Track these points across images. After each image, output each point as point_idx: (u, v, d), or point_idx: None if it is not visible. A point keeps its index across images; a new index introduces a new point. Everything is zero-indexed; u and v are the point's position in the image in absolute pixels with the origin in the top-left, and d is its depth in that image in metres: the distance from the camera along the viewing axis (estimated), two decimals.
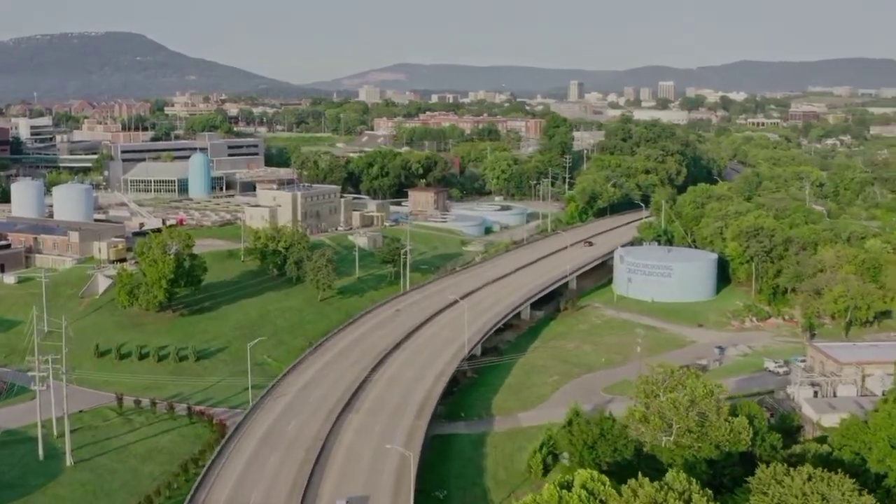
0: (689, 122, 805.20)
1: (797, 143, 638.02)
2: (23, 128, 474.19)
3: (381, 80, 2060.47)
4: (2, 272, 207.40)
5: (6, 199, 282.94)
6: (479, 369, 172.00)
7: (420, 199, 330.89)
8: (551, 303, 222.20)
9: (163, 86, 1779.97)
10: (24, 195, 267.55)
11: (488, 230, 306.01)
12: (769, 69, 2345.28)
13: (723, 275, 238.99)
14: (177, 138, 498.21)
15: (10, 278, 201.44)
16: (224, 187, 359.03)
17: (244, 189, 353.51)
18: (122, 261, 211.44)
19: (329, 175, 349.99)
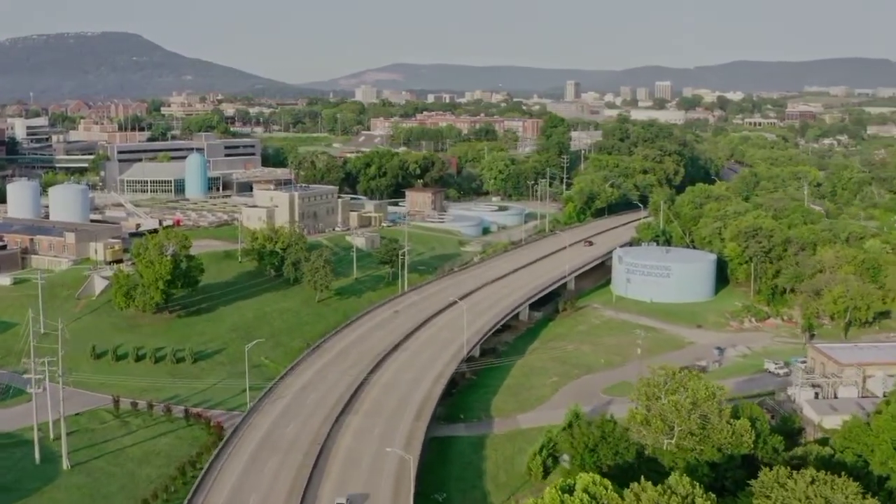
0: (686, 122, 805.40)
1: (794, 143, 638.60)
2: (19, 128, 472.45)
3: (378, 80, 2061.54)
4: None
5: (2, 199, 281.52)
6: (477, 371, 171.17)
7: (417, 200, 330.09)
8: (550, 303, 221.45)
9: (159, 86, 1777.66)
10: (20, 196, 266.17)
11: (486, 230, 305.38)
12: (766, 69, 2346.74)
13: (721, 275, 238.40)
14: (173, 138, 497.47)
15: (5, 279, 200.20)
16: (221, 188, 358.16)
17: (241, 189, 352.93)
18: (119, 262, 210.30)
19: (326, 175, 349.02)
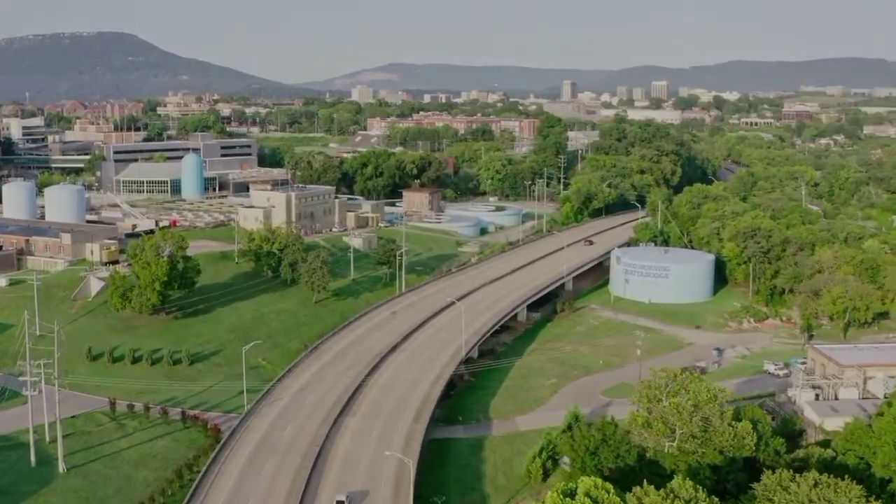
0: (683, 122, 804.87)
1: (791, 143, 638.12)
2: (14, 128, 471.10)
3: (374, 80, 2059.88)
4: None
5: None
6: (476, 372, 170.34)
7: (415, 200, 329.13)
8: (548, 304, 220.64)
9: (155, 86, 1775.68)
10: (15, 196, 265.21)
11: (483, 231, 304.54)
12: (762, 69, 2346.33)
13: (719, 276, 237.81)
14: (169, 139, 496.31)
15: (1, 281, 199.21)
16: (217, 188, 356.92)
17: (237, 190, 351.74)
18: (115, 263, 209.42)
19: (323, 175, 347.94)
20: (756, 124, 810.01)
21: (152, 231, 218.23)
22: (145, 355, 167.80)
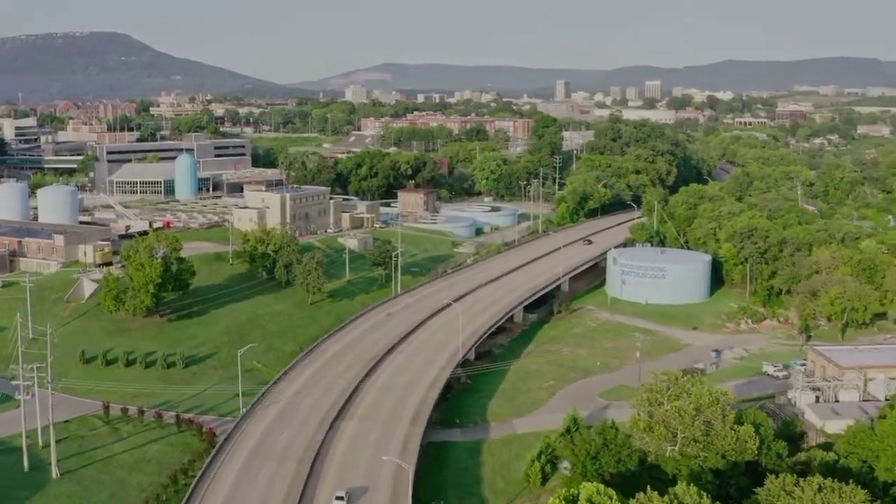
0: (677, 122, 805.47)
1: (785, 143, 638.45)
2: (7, 128, 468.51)
3: (367, 80, 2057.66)
4: None
5: None
6: (472, 374, 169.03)
7: (409, 201, 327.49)
8: (544, 305, 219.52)
9: (148, 86, 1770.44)
10: (7, 197, 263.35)
11: (479, 231, 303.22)
12: (754, 68, 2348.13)
13: (716, 276, 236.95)
14: (163, 139, 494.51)
15: None
16: (211, 188, 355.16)
17: (231, 190, 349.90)
18: (109, 264, 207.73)
19: (317, 176, 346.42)
20: (750, 124, 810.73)
21: (146, 232, 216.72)
22: (139, 358, 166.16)
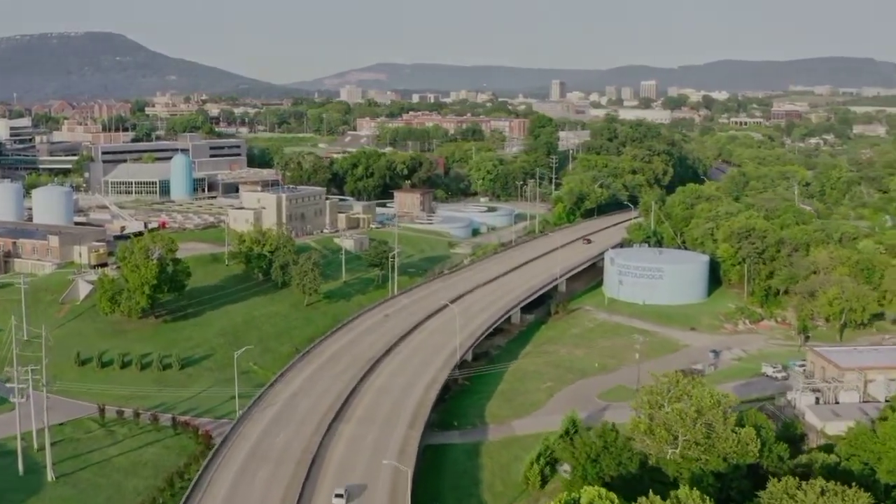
0: (673, 122, 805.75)
1: (781, 143, 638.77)
2: (2, 129, 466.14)
3: (362, 80, 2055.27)
4: None
5: None
6: (470, 376, 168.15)
7: (406, 201, 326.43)
8: (542, 306, 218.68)
9: (143, 86, 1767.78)
10: (2, 198, 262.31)
11: (475, 232, 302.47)
12: (750, 68, 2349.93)
13: (714, 276, 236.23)
14: (158, 139, 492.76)
15: None
16: (206, 189, 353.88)
17: (227, 191, 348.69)
18: (104, 265, 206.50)
19: (313, 176, 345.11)
20: (746, 124, 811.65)
21: (141, 233, 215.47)
22: (135, 360, 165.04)
